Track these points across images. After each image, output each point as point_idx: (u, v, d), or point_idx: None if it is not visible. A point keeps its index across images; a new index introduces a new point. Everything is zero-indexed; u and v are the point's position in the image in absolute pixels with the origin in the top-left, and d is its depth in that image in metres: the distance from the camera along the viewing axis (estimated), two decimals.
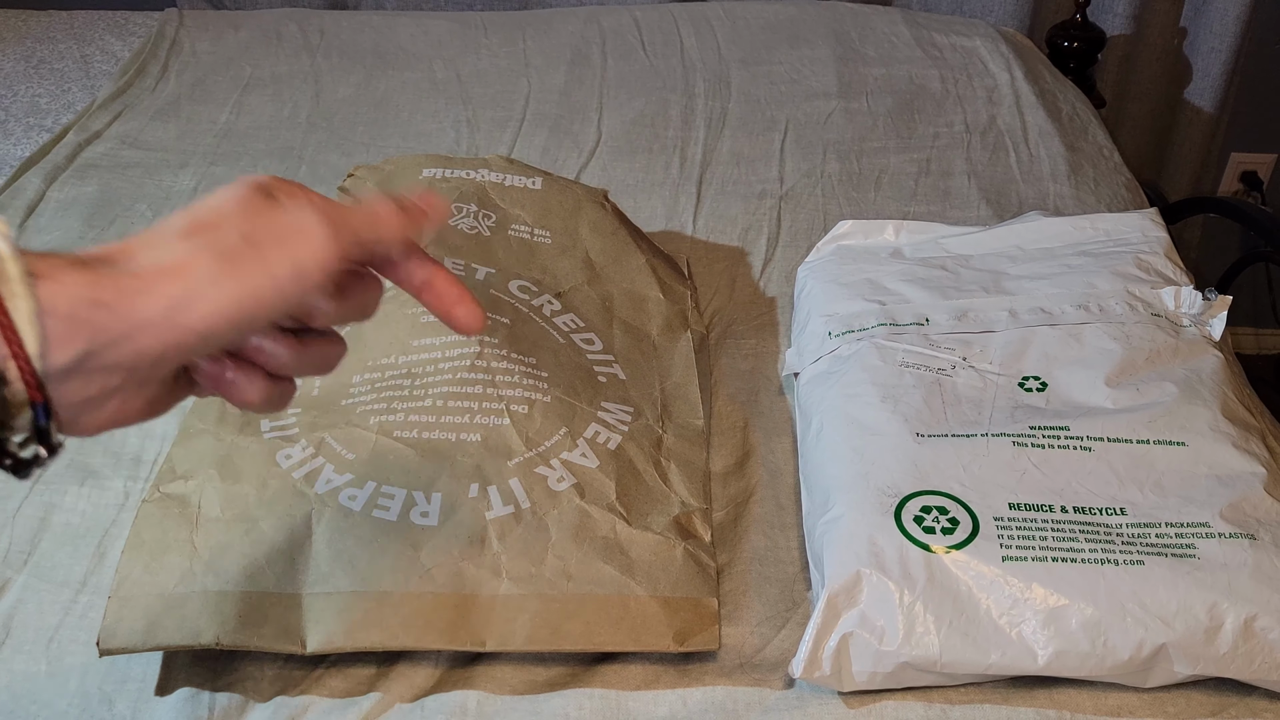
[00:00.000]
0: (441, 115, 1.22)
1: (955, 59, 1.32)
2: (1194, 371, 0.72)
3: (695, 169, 1.12)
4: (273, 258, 0.37)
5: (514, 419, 0.69)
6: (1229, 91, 1.65)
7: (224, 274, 0.36)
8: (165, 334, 0.35)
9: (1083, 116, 1.25)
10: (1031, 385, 0.72)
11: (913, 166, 1.12)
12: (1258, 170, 1.82)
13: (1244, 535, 0.60)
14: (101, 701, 0.60)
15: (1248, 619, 0.57)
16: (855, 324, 0.78)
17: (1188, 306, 0.78)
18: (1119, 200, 1.08)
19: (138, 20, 1.46)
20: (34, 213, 1.03)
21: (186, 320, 0.35)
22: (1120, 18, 1.60)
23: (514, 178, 0.90)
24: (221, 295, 0.36)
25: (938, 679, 0.59)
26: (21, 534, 0.70)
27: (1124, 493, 0.64)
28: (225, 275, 0.36)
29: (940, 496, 0.63)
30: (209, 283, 0.36)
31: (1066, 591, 0.58)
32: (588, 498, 0.66)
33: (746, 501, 0.73)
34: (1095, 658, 0.57)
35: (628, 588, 0.62)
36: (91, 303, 0.34)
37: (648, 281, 0.86)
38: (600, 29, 1.39)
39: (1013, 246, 0.87)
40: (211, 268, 0.36)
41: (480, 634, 0.60)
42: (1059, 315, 0.77)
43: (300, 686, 0.61)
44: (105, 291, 0.34)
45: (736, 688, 0.61)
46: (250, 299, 0.37)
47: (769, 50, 1.34)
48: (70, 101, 1.27)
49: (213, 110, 1.22)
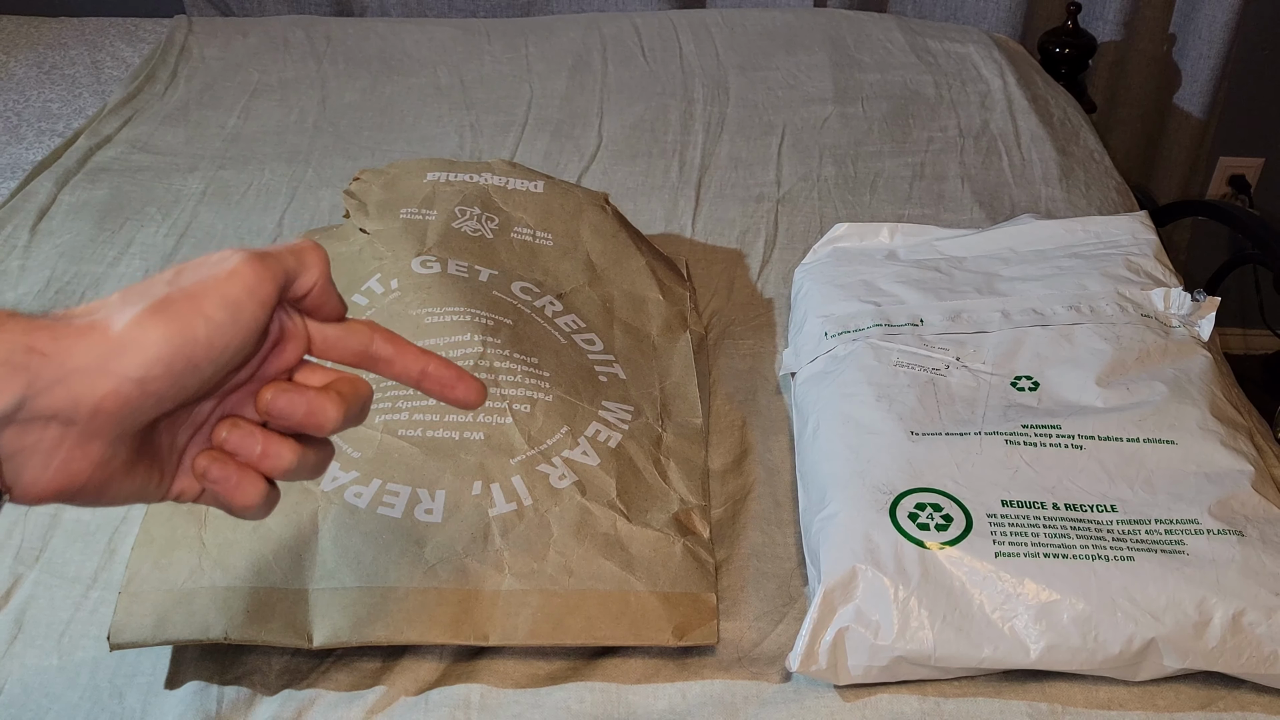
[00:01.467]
0: (445, 120, 1.22)
1: (949, 65, 1.32)
2: (1183, 371, 0.72)
3: (694, 173, 1.12)
4: (203, 297, 0.36)
5: (516, 418, 0.69)
6: (1217, 97, 1.65)
7: (156, 319, 0.35)
8: (100, 380, 0.34)
9: (1074, 121, 1.25)
10: (1024, 385, 0.72)
11: (907, 170, 1.12)
12: (1245, 174, 1.82)
13: (1232, 532, 0.60)
14: (112, 695, 0.60)
15: (1236, 614, 0.57)
16: (851, 324, 0.78)
17: (1177, 307, 0.78)
18: (1109, 203, 1.08)
19: (148, 27, 1.46)
20: (45, 216, 1.03)
21: (120, 366, 0.35)
22: (1111, 24, 1.60)
23: (516, 181, 0.90)
24: (155, 338, 0.35)
25: (932, 673, 0.59)
26: (33, 531, 0.70)
27: (1114, 490, 0.64)
28: (157, 320, 0.35)
29: (934, 494, 0.63)
30: (141, 328, 0.35)
31: (1058, 587, 0.58)
32: (589, 495, 0.66)
33: (744, 499, 0.73)
34: (1086, 652, 0.57)
35: (628, 583, 0.62)
36: (27, 349, 0.34)
37: (647, 283, 0.86)
38: (601, 35, 1.39)
39: (1005, 249, 0.87)
40: (143, 316, 0.35)
41: (483, 629, 0.60)
42: (1050, 316, 0.77)
43: (307, 680, 0.61)
44: (40, 339, 0.34)
45: (734, 681, 0.61)
46: (186, 340, 0.36)
47: (766, 56, 1.34)
48: (81, 106, 1.27)
49: (221, 115, 1.22)
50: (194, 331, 0.36)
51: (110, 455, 0.37)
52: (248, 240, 1.00)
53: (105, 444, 0.36)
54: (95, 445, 0.36)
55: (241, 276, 0.37)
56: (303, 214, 1.05)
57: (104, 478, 0.37)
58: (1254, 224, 1.39)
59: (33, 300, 0.92)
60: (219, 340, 0.37)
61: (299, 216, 1.04)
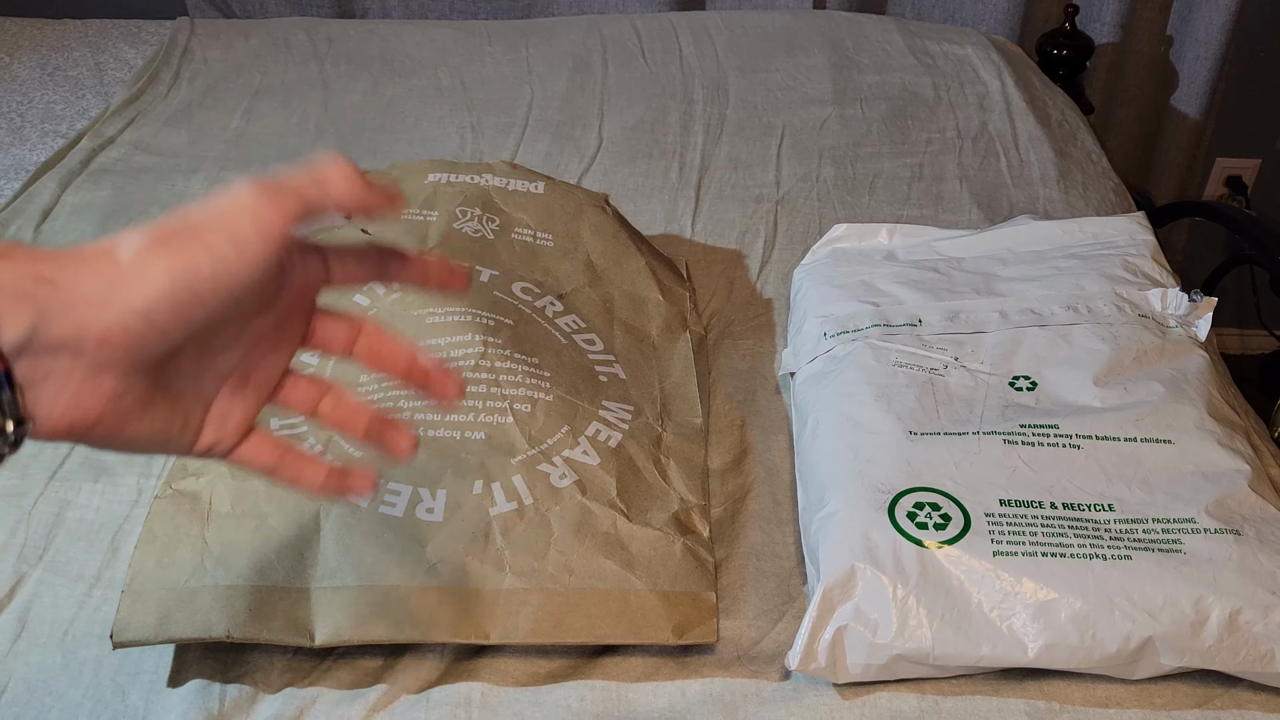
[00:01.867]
0: (446, 121, 1.22)
1: (947, 66, 1.32)
2: (1180, 371, 0.72)
3: (694, 174, 1.12)
4: (208, 232, 0.36)
5: (517, 417, 0.69)
6: (1214, 98, 1.65)
7: (159, 251, 0.35)
8: (104, 311, 0.34)
9: (1072, 122, 1.25)
10: (1022, 384, 0.72)
11: (906, 171, 1.12)
12: (1242, 175, 1.82)
13: (1229, 531, 0.60)
14: (115, 693, 0.60)
15: (1233, 612, 0.57)
16: (850, 325, 0.78)
17: (1174, 308, 0.78)
18: (1107, 204, 1.08)
19: (151, 29, 1.46)
20: (49, 217, 1.03)
21: (124, 297, 0.34)
22: (1108, 26, 1.60)
23: (517, 182, 0.90)
24: (157, 270, 0.35)
25: (930, 671, 0.59)
26: (37, 530, 0.70)
27: (1112, 489, 0.64)
28: (160, 252, 0.35)
29: (933, 493, 0.63)
30: (144, 259, 0.35)
31: (1056, 586, 0.58)
32: (589, 494, 0.66)
33: (744, 498, 0.73)
34: (1084, 650, 0.57)
35: (628, 582, 0.62)
36: (35, 278, 0.34)
37: (647, 283, 0.86)
38: (601, 37, 1.39)
39: (1003, 249, 0.87)
40: (147, 247, 0.35)
41: (484, 627, 0.60)
42: (1048, 316, 0.77)
43: (309, 678, 0.61)
44: (48, 267, 0.34)
45: (734, 679, 0.61)
46: (188, 272, 0.35)
47: (766, 58, 1.34)
48: (85, 108, 1.27)
49: (223, 116, 1.22)
50: (196, 263, 0.35)
51: (123, 389, 0.36)
52: None
53: (116, 377, 0.36)
54: (106, 378, 0.36)
55: (247, 210, 0.37)
56: None
57: (118, 414, 0.37)
58: (1251, 225, 1.39)
59: None
60: (224, 272, 0.36)
61: None
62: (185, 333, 0.37)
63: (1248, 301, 1.79)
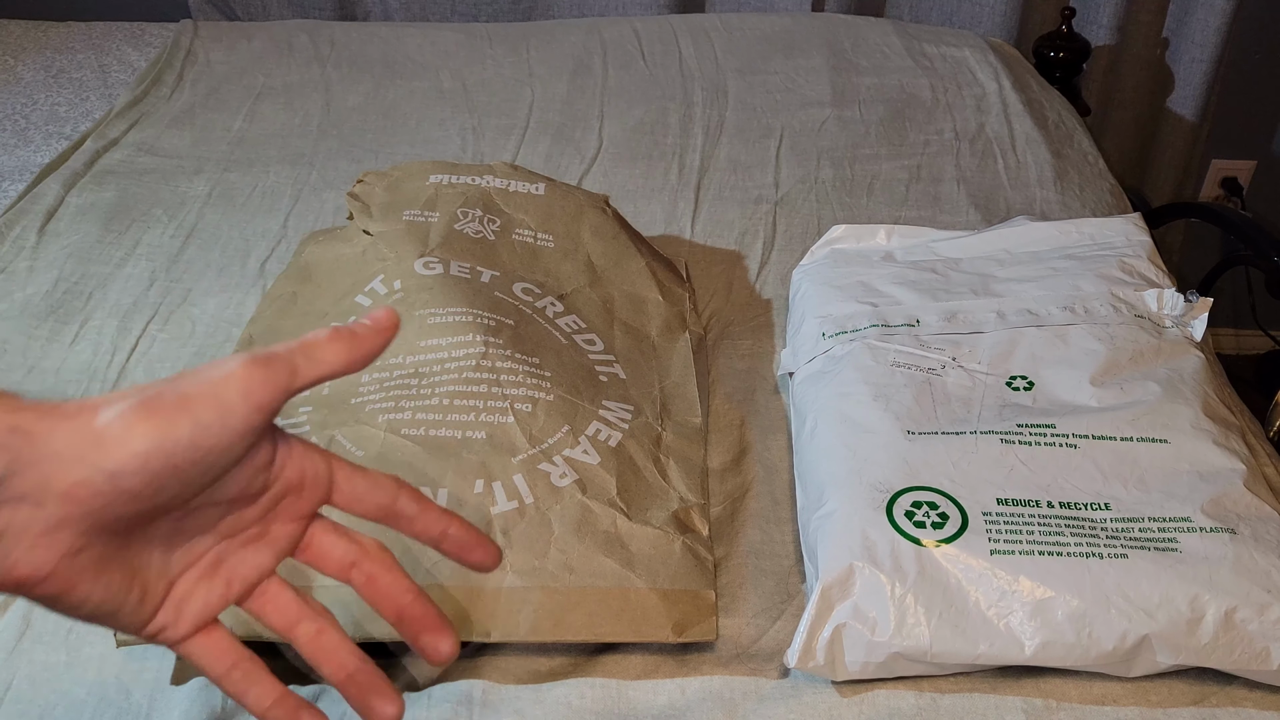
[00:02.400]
0: (448, 123, 1.22)
1: (945, 69, 1.32)
2: (1176, 371, 0.72)
3: (693, 175, 1.12)
4: (195, 398, 0.35)
5: (518, 417, 0.69)
6: (1210, 100, 1.65)
7: (140, 415, 0.34)
8: (73, 468, 0.33)
9: (1068, 124, 1.25)
10: (1019, 384, 0.72)
11: (904, 173, 1.12)
12: (1238, 176, 1.82)
13: (1224, 530, 0.60)
14: (119, 691, 0.60)
15: (1228, 611, 0.57)
16: (848, 325, 0.78)
17: (1170, 308, 0.78)
18: (1103, 205, 1.08)
19: (154, 31, 1.46)
20: (53, 218, 1.03)
21: (96, 457, 0.33)
22: (1105, 29, 1.60)
23: (518, 183, 0.90)
24: (137, 434, 0.34)
25: (928, 669, 0.59)
26: None
27: (1108, 488, 0.64)
28: (141, 416, 0.34)
29: (930, 492, 0.63)
30: (125, 422, 0.34)
31: (1053, 584, 0.58)
32: (589, 493, 0.66)
33: (743, 497, 0.73)
34: (1080, 648, 0.57)
35: (628, 580, 0.62)
36: (10, 428, 0.33)
37: (647, 284, 0.86)
38: (601, 40, 1.39)
39: (1001, 250, 0.87)
40: (130, 410, 0.34)
41: (485, 625, 0.60)
42: (1045, 317, 0.77)
43: (311, 676, 0.60)
44: (25, 419, 0.33)
45: (733, 677, 0.61)
46: (167, 439, 0.34)
47: (765, 60, 1.34)
48: (89, 110, 1.27)
49: (226, 118, 1.22)
50: (177, 431, 0.34)
51: (79, 548, 0.35)
52: (253, 243, 1.00)
53: (73, 535, 0.34)
54: (64, 534, 0.34)
55: (237, 379, 0.36)
56: (307, 216, 1.05)
57: (70, 572, 0.35)
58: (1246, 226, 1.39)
59: (41, 300, 0.92)
60: (203, 442, 0.35)
61: (303, 218, 1.04)
62: (155, 501, 0.35)
63: (1243, 302, 1.79)
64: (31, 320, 0.89)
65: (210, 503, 0.38)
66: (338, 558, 0.42)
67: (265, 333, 0.79)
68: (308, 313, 0.79)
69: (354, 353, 0.38)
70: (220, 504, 0.38)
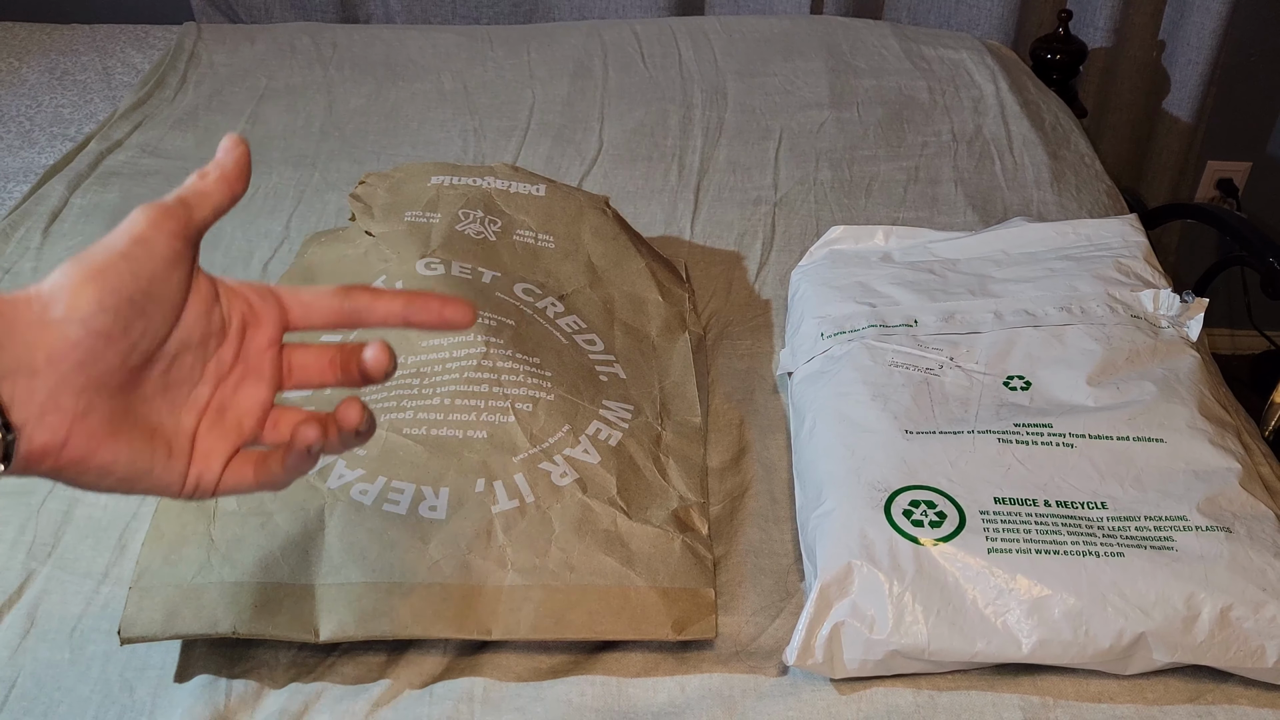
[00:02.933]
0: (449, 125, 1.22)
1: (943, 71, 1.32)
2: (1172, 371, 0.72)
3: (693, 176, 1.12)
4: (114, 243, 0.38)
5: (519, 417, 0.69)
6: (1205, 102, 1.65)
7: (76, 269, 0.37)
8: (44, 331, 0.36)
9: (1065, 126, 1.25)
10: (1016, 384, 0.72)
11: (902, 174, 1.12)
12: (1233, 178, 1.82)
13: (1220, 528, 0.60)
14: (123, 688, 0.60)
15: (1224, 609, 0.57)
16: (847, 325, 0.78)
17: (1166, 309, 0.78)
18: (1100, 206, 1.08)
19: (157, 33, 1.46)
20: (58, 218, 1.03)
21: (57, 313, 0.36)
22: (1101, 31, 1.60)
23: (519, 185, 0.90)
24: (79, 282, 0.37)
25: (926, 666, 0.59)
26: (46, 527, 0.70)
27: (1105, 487, 0.64)
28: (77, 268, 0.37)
29: (928, 491, 0.63)
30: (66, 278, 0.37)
31: (1050, 582, 0.58)
32: (589, 492, 0.66)
33: (742, 496, 0.73)
34: (1077, 646, 0.57)
35: (628, 579, 0.62)
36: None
37: (647, 285, 0.86)
38: (602, 42, 1.39)
39: (998, 251, 0.87)
40: (65, 269, 0.37)
41: (486, 623, 0.60)
42: (1042, 317, 0.77)
43: (314, 673, 0.61)
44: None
45: (732, 675, 0.61)
46: (109, 277, 0.37)
47: (764, 62, 1.34)
48: (93, 112, 1.27)
49: (229, 120, 1.22)
50: (114, 268, 0.37)
51: (85, 408, 0.37)
52: (255, 244, 1.00)
53: (74, 394, 0.37)
54: (65, 396, 0.36)
55: (140, 215, 0.39)
56: (309, 217, 1.05)
57: (87, 434, 0.37)
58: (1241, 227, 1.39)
59: None
60: (141, 271, 0.38)
61: (306, 219, 1.04)
62: (129, 340, 0.38)
63: (1238, 302, 1.79)
64: None
65: (184, 346, 0.41)
66: (320, 367, 0.45)
67: None
68: None
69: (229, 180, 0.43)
70: (193, 348, 0.41)
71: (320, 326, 0.44)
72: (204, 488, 0.42)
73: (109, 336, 0.37)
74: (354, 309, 0.44)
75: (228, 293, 0.43)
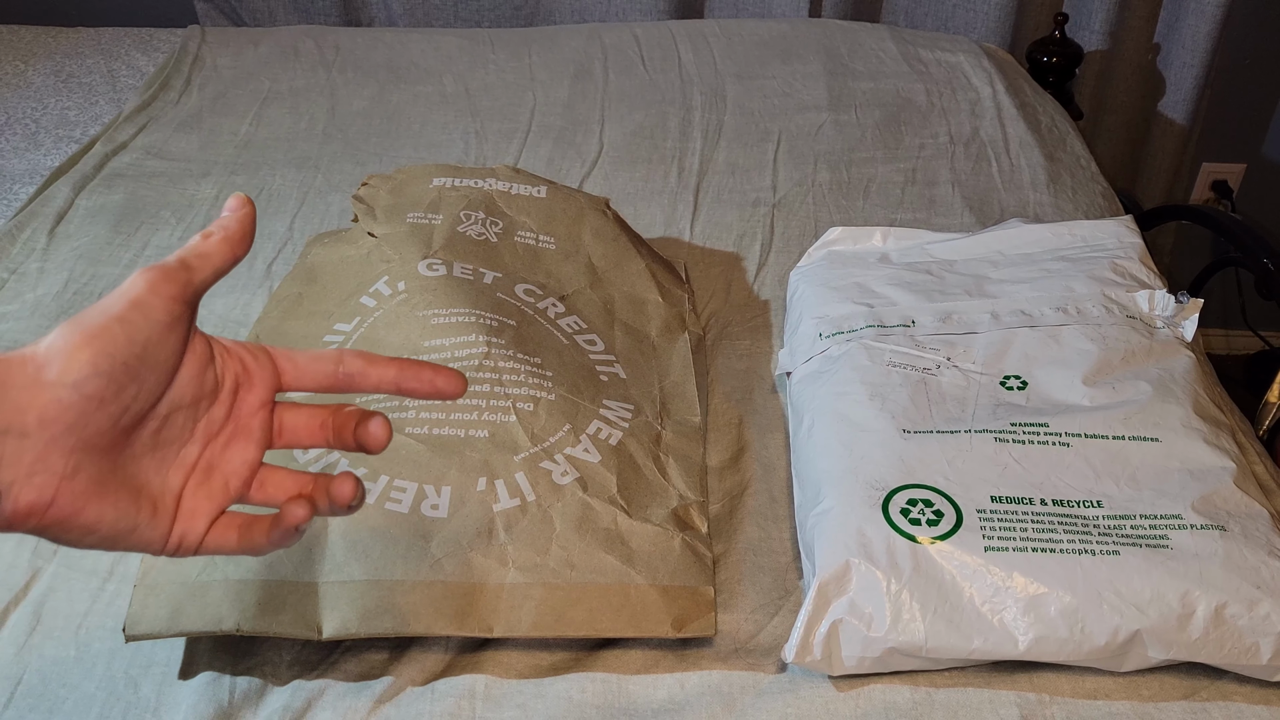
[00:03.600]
0: (451, 127, 1.22)
1: (940, 73, 1.32)
2: (1167, 371, 0.71)
3: (692, 178, 1.12)
4: (111, 306, 0.38)
5: (520, 416, 0.69)
6: (1200, 104, 1.65)
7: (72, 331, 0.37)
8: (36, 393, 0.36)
9: (1061, 128, 1.25)
10: (1012, 384, 0.72)
11: (899, 176, 1.12)
12: (1228, 179, 1.82)
13: (1214, 527, 0.60)
14: (127, 685, 0.60)
15: (1218, 606, 0.57)
16: (845, 325, 0.78)
17: (1161, 309, 0.78)
18: (1096, 208, 1.08)
19: (162, 37, 1.46)
20: (63, 219, 1.03)
21: (50, 375, 0.36)
22: (1097, 34, 1.60)
23: (520, 186, 0.90)
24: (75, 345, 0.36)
25: (923, 663, 0.59)
26: None
27: (1100, 486, 0.64)
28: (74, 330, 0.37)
29: (926, 490, 0.63)
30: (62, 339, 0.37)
31: (1046, 580, 0.58)
32: (590, 491, 0.66)
33: (741, 495, 0.73)
34: (1073, 643, 0.57)
35: (628, 576, 0.62)
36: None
37: (647, 285, 0.86)
38: (602, 45, 1.39)
39: (995, 252, 0.87)
40: (62, 331, 0.37)
41: (488, 620, 0.60)
42: (1039, 317, 0.77)
43: (317, 670, 0.61)
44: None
45: (732, 672, 0.61)
46: (105, 342, 0.37)
47: (763, 65, 1.34)
48: (98, 114, 1.27)
49: (233, 122, 1.22)
50: (111, 333, 0.37)
51: (73, 469, 0.37)
52: (259, 245, 1.00)
53: (63, 456, 0.36)
54: (54, 457, 0.36)
55: (142, 281, 0.39)
56: (312, 218, 1.05)
57: (73, 495, 0.37)
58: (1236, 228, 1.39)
59: (52, 301, 0.92)
60: (137, 336, 0.38)
61: (309, 220, 1.04)
62: (121, 403, 0.38)
63: (1233, 303, 1.79)
64: (42, 320, 0.89)
65: (176, 408, 0.41)
66: (312, 427, 0.45)
67: (271, 332, 0.78)
68: (313, 313, 0.79)
69: (232, 242, 0.42)
70: (185, 408, 0.41)
71: (313, 389, 0.44)
72: (186, 547, 0.42)
73: (102, 400, 0.37)
74: (348, 374, 0.44)
75: (222, 352, 0.43)
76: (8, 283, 0.94)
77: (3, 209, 1.08)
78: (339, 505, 0.42)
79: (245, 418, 0.43)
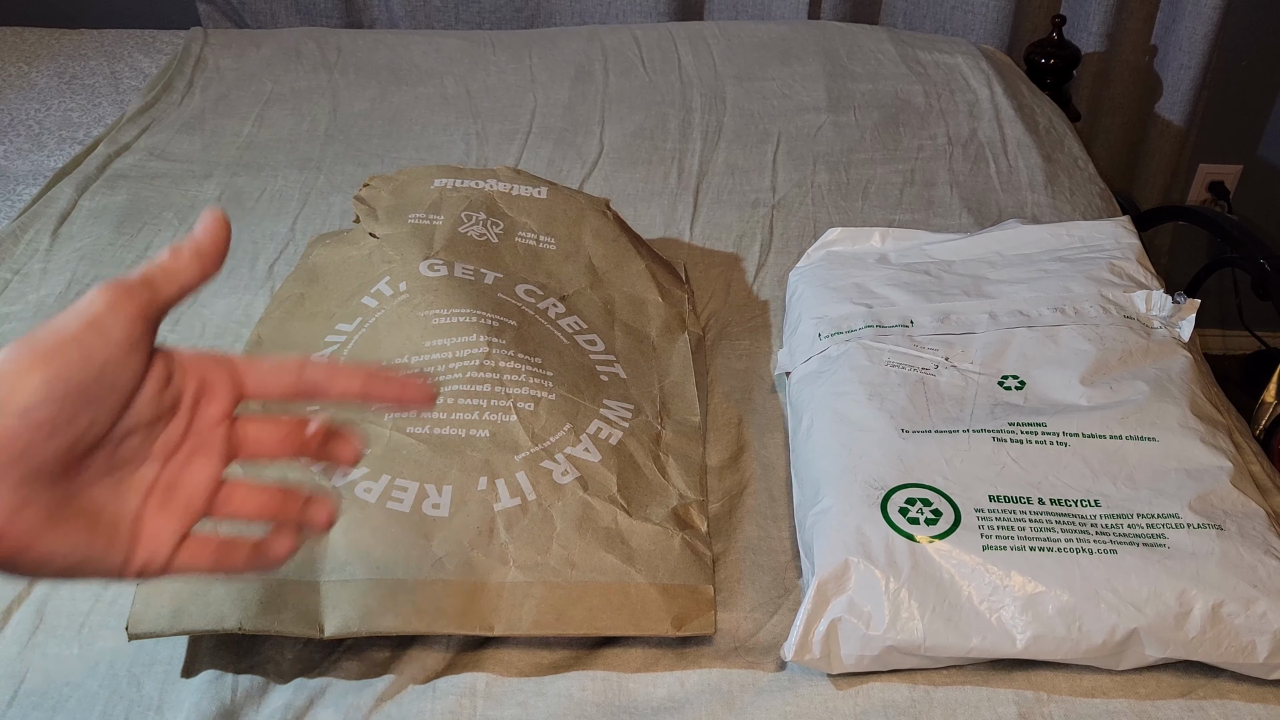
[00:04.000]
0: (452, 128, 1.22)
1: (938, 75, 1.32)
2: (1164, 371, 0.72)
3: (692, 179, 1.12)
4: (68, 326, 0.35)
5: (521, 416, 0.69)
6: (1197, 106, 1.65)
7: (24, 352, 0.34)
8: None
9: (1059, 129, 1.25)
10: (1010, 384, 0.72)
11: (898, 177, 1.12)
12: (1225, 180, 1.82)
13: (1211, 526, 0.60)
14: (130, 683, 0.60)
15: (1215, 605, 0.57)
16: (844, 326, 0.78)
17: (1158, 309, 0.78)
18: (1093, 209, 1.08)
19: (165, 38, 1.46)
20: (66, 220, 1.03)
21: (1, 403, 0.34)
22: (1095, 36, 1.60)
23: (520, 187, 0.90)
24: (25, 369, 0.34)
25: (921, 662, 0.59)
26: None
27: (1098, 485, 0.64)
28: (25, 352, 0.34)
29: (924, 489, 0.63)
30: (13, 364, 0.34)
31: (1044, 579, 0.58)
32: (590, 490, 0.66)
33: (741, 494, 0.73)
34: (1071, 642, 0.57)
35: (628, 575, 0.62)
36: None
37: (647, 286, 0.86)
38: (602, 47, 1.39)
39: (993, 253, 0.87)
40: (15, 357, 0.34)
41: (489, 619, 0.60)
42: (1036, 318, 0.77)
43: (319, 669, 0.61)
44: None
45: (731, 670, 0.61)
46: (61, 366, 0.34)
47: (762, 67, 1.34)
48: (101, 115, 1.27)
49: (236, 123, 1.22)
50: (65, 355, 0.35)
51: (22, 501, 0.35)
52: (260, 244, 1.00)
53: (11, 488, 0.34)
54: (2, 490, 0.34)
55: (99, 297, 0.36)
56: (314, 219, 1.05)
57: (23, 529, 0.35)
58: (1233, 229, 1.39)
59: (54, 301, 0.92)
60: (93, 358, 0.35)
61: (311, 221, 1.04)
62: (74, 431, 0.35)
63: (1230, 303, 1.79)
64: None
65: (132, 430, 0.38)
66: (276, 439, 0.43)
67: (273, 333, 0.79)
68: (315, 313, 0.79)
69: (203, 258, 0.40)
70: (141, 429, 0.39)
71: (276, 398, 0.42)
72: (153, 570, 0.40)
73: (53, 427, 0.34)
74: (312, 382, 0.42)
75: (181, 368, 0.40)
76: (11, 283, 0.94)
77: (6, 210, 1.08)
78: (313, 530, 0.41)
79: (205, 432, 0.41)
